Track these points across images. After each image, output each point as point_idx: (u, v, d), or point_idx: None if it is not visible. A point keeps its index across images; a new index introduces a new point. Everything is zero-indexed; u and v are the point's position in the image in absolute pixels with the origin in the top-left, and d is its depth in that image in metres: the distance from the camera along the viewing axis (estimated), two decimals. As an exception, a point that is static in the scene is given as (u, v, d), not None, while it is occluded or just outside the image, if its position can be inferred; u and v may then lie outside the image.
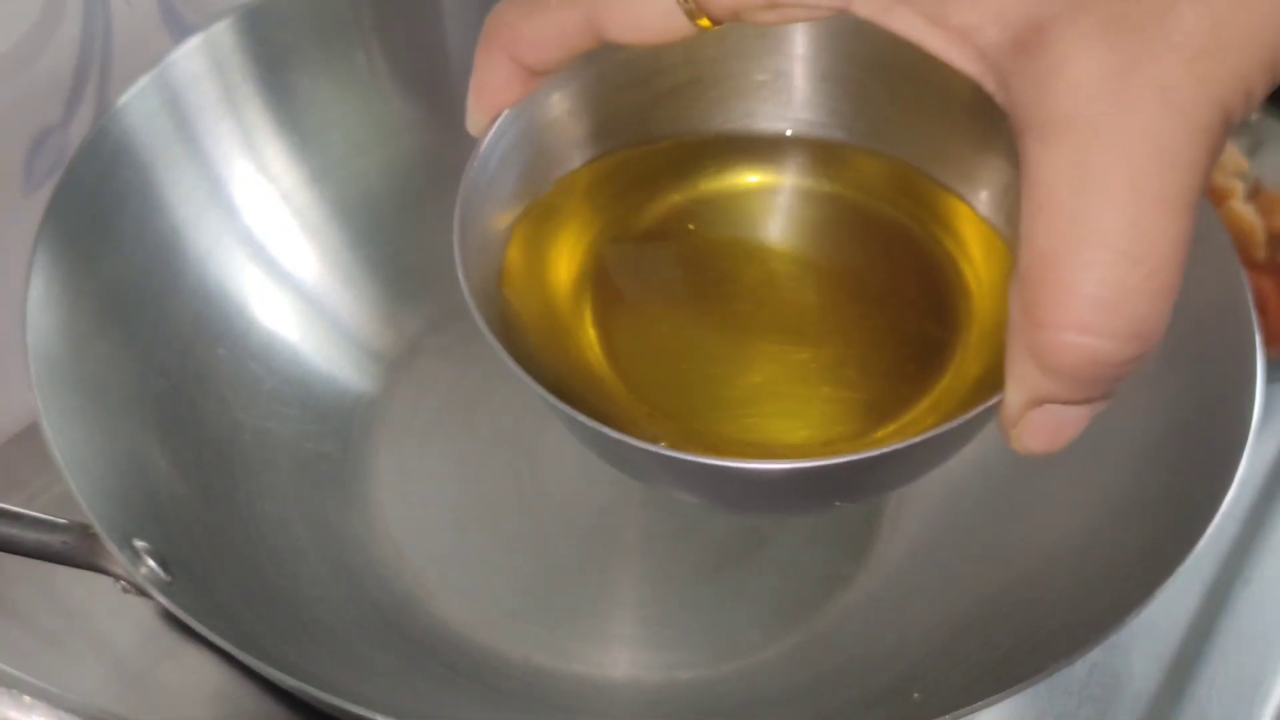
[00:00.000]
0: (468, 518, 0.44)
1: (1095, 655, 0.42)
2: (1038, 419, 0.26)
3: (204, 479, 0.40)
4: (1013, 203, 0.31)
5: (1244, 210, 0.51)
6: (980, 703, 0.32)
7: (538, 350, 0.31)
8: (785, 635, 0.41)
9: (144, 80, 0.41)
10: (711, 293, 0.33)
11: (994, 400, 0.26)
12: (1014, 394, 0.25)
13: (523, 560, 0.43)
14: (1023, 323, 0.24)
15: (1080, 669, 0.42)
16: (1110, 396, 0.26)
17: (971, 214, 0.33)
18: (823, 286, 0.33)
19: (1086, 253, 0.23)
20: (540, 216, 0.32)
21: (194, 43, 0.42)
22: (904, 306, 0.33)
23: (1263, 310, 0.49)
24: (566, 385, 0.30)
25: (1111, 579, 0.36)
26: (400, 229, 0.47)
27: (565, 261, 0.33)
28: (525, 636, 0.41)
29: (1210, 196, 0.47)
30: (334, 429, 0.44)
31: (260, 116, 0.44)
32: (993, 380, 0.26)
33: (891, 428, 0.30)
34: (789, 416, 0.31)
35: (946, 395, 0.30)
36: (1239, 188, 0.52)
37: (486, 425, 0.46)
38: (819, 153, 0.34)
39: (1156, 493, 0.38)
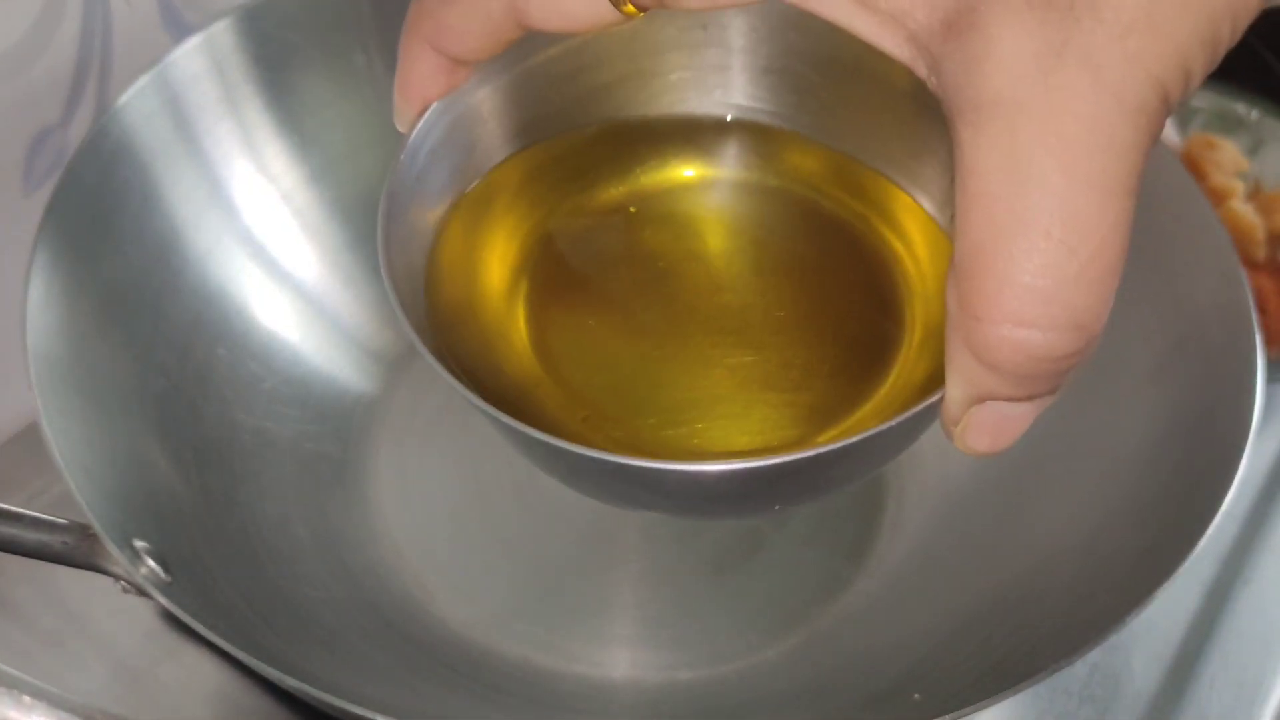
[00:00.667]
0: (468, 518, 0.44)
1: (1095, 655, 0.42)
2: (980, 417, 0.25)
3: (204, 479, 0.40)
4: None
5: (1244, 210, 0.51)
6: (980, 703, 0.32)
7: (468, 351, 0.30)
8: (785, 636, 0.41)
9: (143, 80, 0.41)
10: (650, 292, 0.32)
11: (934, 398, 0.26)
12: (954, 391, 0.25)
13: (522, 560, 0.43)
14: (959, 316, 0.23)
15: (1080, 669, 0.42)
16: (1055, 392, 0.25)
17: (917, 209, 0.32)
18: (765, 286, 0.32)
19: (1021, 241, 0.22)
20: (471, 212, 0.32)
21: (193, 42, 0.42)
22: (848, 306, 0.32)
23: (1263, 310, 0.49)
24: (498, 389, 0.29)
25: (1111, 579, 0.36)
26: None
27: (497, 259, 0.32)
28: (525, 637, 0.41)
29: (1210, 196, 0.47)
30: (334, 429, 0.44)
31: (260, 116, 0.44)
32: (939, 380, 0.25)
33: (834, 431, 0.29)
34: (731, 420, 0.30)
35: (891, 397, 0.29)
36: (1239, 187, 0.52)
37: (486, 425, 0.45)
38: (760, 147, 0.33)
39: (1157, 493, 0.38)
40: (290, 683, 0.31)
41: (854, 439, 0.26)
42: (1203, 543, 0.34)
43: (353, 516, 0.43)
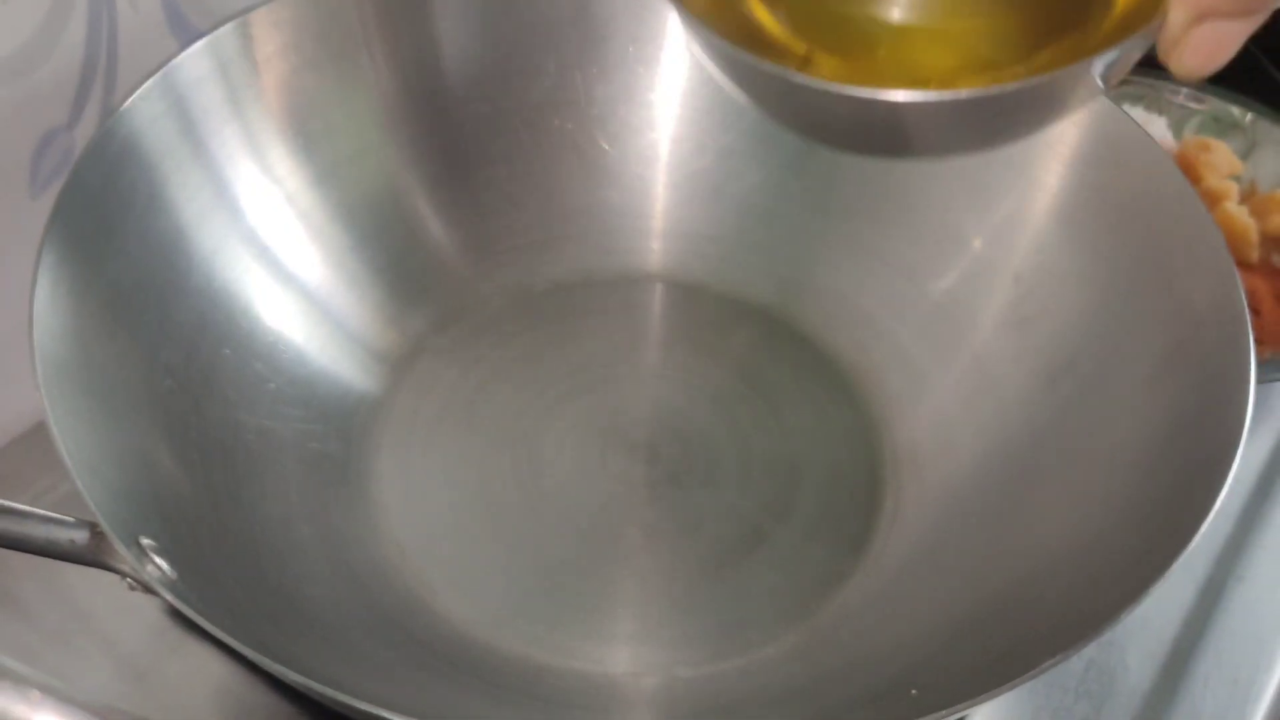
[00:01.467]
0: (470, 517, 0.44)
1: (1091, 651, 0.42)
2: (1199, 35, 0.27)
3: (209, 478, 0.40)
4: None
5: (1238, 212, 0.51)
6: (977, 698, 0.32)
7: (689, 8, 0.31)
8: (785, 633, 0.41)
9: (149, 83, 0.41)
10: None
11: (1156, 23, 0.27)
12: (1177, 14, 0.27)
13: (524, 558, 0.43)
14: None
15: (1076, 665, 0.42)
16: (1266, 11, 0.27)
17: None
18: None
19: None
20: None
21: (199, 46, 0.42)
22: None
23: (1256, 311, 0.49)
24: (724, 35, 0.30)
25: (1107, 576, 0.36)
26: (404, 230, 0.48)
27: None
28: (527, 634, 0.41)
29: (1205, 198, 0.48)
30: (337, 429, 0.45)
31: (265, 119, 0.44)
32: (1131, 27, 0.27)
33: (1049, 55, 0.30)
34: (951, 51, 0.32)
35: (1101, 37, 0.31)
36: (1233, 189, 0.52)
37: (488, 425, 0.46)
38: None
39: (1151, 491, 0.38)
40: (294, 678, 0.32)
41: (1080, 61, 0.28)
42: (1196, 540, 0.34)
43: (356, 515, 0.43)
